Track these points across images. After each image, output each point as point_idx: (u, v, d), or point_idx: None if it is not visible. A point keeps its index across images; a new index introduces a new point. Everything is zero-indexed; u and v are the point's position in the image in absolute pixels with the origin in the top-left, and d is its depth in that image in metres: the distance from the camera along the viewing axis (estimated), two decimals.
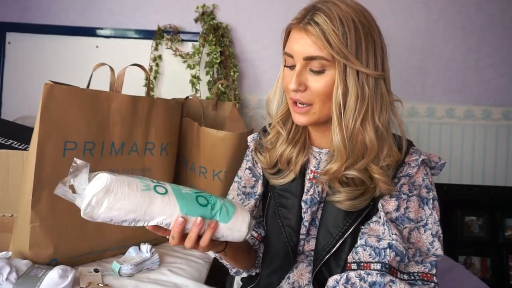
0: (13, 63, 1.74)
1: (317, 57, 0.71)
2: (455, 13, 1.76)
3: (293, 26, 0.75)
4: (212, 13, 1.72)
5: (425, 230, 0.74)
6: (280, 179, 0.83)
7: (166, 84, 1.75)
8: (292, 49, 0.74)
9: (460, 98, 1.78)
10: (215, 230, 0.66)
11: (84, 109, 0.98)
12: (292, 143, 0.83)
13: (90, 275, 0.94)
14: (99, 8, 1.76)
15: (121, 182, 0.60)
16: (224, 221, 0.66)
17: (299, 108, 0.75)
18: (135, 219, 0.62)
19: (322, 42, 0.70)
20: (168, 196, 0.63)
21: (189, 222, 0.64)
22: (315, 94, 0.73)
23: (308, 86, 0.73)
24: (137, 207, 0.60)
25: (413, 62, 1.77)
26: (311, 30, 0.71)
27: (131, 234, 1.12)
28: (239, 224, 0.68)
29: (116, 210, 0.59)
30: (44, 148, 0.92)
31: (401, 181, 0.76)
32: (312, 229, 0.83)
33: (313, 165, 0.84)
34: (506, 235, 1.71)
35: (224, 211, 0.67)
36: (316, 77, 0.73)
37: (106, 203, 0.58)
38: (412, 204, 0.75)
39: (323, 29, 0.70)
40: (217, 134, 1.22)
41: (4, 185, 1.11)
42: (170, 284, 0.97)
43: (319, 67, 0.72)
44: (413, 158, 0.77)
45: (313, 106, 0.74)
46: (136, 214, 0.61)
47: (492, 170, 1.79)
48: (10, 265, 0.85)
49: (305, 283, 0.82)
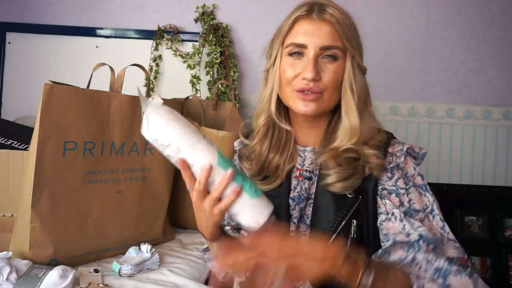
0: (13, 63, 1.74)
1: (333, 47, 0.76)
2: (455, 13, 1.76)
3: (301, 17, 0.78)
4: (212, 13, 1.72)
5: (433, 216, 0.75)
6: (267, 185, 0.84)
7: (166, 84, 1.75)
8: (306, 39, 0.76)
9: (460, 98, 1.78)
10: (238, 195, 0.64)
11: (84, 109, 0.98)
12: (279, 151, 0.84)
13: (90, 275, 0.94)
14: (99, 8, 1.76)
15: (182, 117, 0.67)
16: (251, 195, 0.65)
17: (309, 96, 0.77)
18: (179, 147, 0.64)
19: (338, 32, 0.75)
20: (211, 146, 0.66)
21: (218, 175, 0.64)
22: (327, 82, 0.77)
23: (321, 76, 0.76)
24: (188, 137, 0.64)
25: (413, 62, 1.77)
26: (329, 20, 0.75)
27: (131, 234, 1.13)
28: (260, 207, 0.66)
29: (173, 127, 0.64)
30: (44, 148, 0.92)
31: (395, 175, 0.77)
32: (302, 226, 0.84)
33: (299, 163, 0.85)
34: (506, 235, 1.71)
35: (253, 188, 0.66)
36: (329, 66, 0.77)
37: (170, 115, 0.64)
38: (413, 196, 0.75)
39: (338, 20, 0.75)
40: (217, 134, 1.22)
41: (4, 185, 1.11)
42: (170, 284, 0.97)
43: (333, 56, 0.76)
44: (398, 148, 0.79)
45: (323, 94, 0.78)
46: (185, 142, 0.64)
47: (492, 170, 1.79)
48: (10, 265, 0.85)
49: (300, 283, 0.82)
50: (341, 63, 0.77)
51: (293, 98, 0.79)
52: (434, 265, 0.63)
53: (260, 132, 0.86)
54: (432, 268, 0.63)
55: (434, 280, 0.62)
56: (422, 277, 0.63)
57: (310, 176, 0.83)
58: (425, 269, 0.64)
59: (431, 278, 0.62)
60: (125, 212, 1.10)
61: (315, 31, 0.76)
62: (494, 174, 1.79)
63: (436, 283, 0.61)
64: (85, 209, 1.02)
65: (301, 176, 0.84)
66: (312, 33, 0.76)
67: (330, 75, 0.76)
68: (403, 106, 1.78)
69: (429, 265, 0.64)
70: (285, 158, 0.83)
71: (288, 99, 0.81)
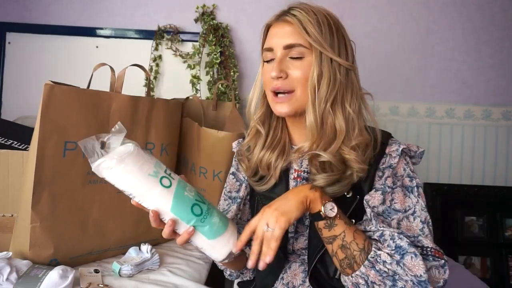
0: (13, 63, 1.74)
1: (296, 45, 0.77)
2: (455, 13, 1.76)
3: (271, 22, 0.82)
4: (212, 13, 1.72)
5: (414, 218, 0.75)
6: (263, 185, 0.85)
7: (166, 84, 1.75)
8: (272, 42, 0.80)
9: (460, 98, 1.78)
10: (190, 236, 0.69)
11: (85, 109, 0.98)
12: (270, 148, 0.85)
13: (90, 276, 0.94)
14: (99, 8, 1.76)
15: (137, 159, 0.66)
16: (208, 237, 0.70)
17: (280, 99, 0.79)
18: (131, 194, 0.67)
19: (300, 30, 0.76)
20: (167, 191, 0.67)
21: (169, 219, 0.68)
22: (295, 80, 0.77)
23: (288, 74, 0.78)
24: (136, 186, 0.66)
25: (413, 62, 1.77)
26: (289, 20, 0.78)
27: (132, 234, 1.13)
28: (219, 246, 0.71)
29: (120, 179, 0.66)
30: (44, 148, 0.92)
31: (385, 174, 0.77)
32: (300, 227, 0.84)
33: (297, 164, 0.85)
34: (506, 235, 1.71)
35: (213, 228, 0.70)
36: (296, 63, 0.78)
37: (114, 169, 0.64)
38: (397, 195, 0.76)
39: (300, 19, 0.77)
40: (217, 134, 1.22)
41: (4, 185, 1.11)
42: (170, 285, 0.97)
43: (298, 54, 0.77)
44: (394, 149, 0.79)
45: (294, 93, 0.78)
46: (133, 191, 0.67)
47: (492, 170, 1.79)
48: (10, 265, 0.85)
49: (299, 283, 0.83)
50: (309, 60, 0.77)
51: (271, 101, 0.82)
52: (396, 242, 0.68)
53: (252, 131, 0.88)
54: (394, 244, 0.68)
55: (392, 255, 0.67)
56: (383, 248, 0.68)
57: (307, 176, 0.83)
58: (388, 244, 0.68)
59: (389, 252, 0.67)
60: (125, 212, 1.10)
61: (279, 33, 0.79)
62: (494, 174, 1.79)
63: (392, 257, 0.67)
64: (85, 209, 1.02)
65: (299, 177, 0.84)
66: (276, 34, 0.79)
67: (297, 73, 0.77)
68: (403, 106, 1.78)
69: (392, 240, 0.68)
70: (277, 155, 0.84)
71: (270, 103, 0.83)
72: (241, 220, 0.93)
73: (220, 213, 0.74)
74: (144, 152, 0.68)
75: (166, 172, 0.69)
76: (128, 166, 0.65)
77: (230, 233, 0.72)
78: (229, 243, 0.72)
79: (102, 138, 0.65)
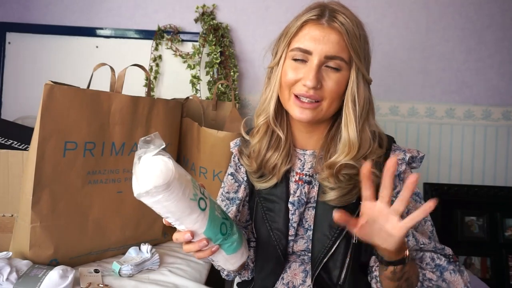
0: (13, 63, 1.74)
1: (338, 57, 0.74)
2: (455, 13, 1.76)
3: (310, 21, 0.75)
4: (212, 13, 1.72)
5: (425, 222, 0.79)
6: (263, 182, 0.84)
7: (166, 84, 1.75)
8: (312, 45, 0.74)
9: (460, 98, 1.78)
10: (213, 253, 0.70)
11: (85, 110, 0.98)
12: (277, 150, 0.83)
13: (90, 276, 0.94)
14: (99, 8, 1.76)
15: (180, 184, 0.61)
16: (227, 252, 0.72)
17: (307, 104, 0.76)
18: (169, 217, 0.64)
19: (345, 43, 0.73)
20: (203, 214, 0.65)
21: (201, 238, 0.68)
22: (328, 92, 0.75)
23: (322, 84, 0.75)
24: (178, 212, 0.63)
25: (413, 62, 1.77)
26: (337, 28, 0.73)
27: (131, 234, 1.13)
28: (234, 260, 0.75)
29: (163, 206, 0.61)
30: (44, 148, 0.92)
31: (397, 188, 0.78)
32: (300, 230, 0.84)
33: (298, 167, 0.85)
34: (506, 235, 1.71)
35: (233, 245, 0.72)
36: (332, 75, 0.75)
37: (160, 197, 0.59)
38: (411, 205, 0.77)
39: (348, 30, 0.73)
40: (217, 134, 1.22)
41: (4, 185, 1.11)
42: (170, 284, 0.97)
43: (336, 65, 0.74)
44: (400, 157, 0.79)
45: (321, 103, 0.76)
46: (174, 217, 0.64)
47: (492, 170, 1.79)
48: (10, 265, 0.85)
49: (299, 283, 0.82)
50: (344, 74, 0.75)
51: (290, 102, 0.78)
52: (435, 262, 0.75)
53: (260, 131, 0.85)
54: (434, 264, 0.75)
55: (434, 272, 0.74)
56: (425, 268, 0.75)
57: (310, 180, 0.83)
58: (428, 263, 0.75)
59: (431, 270, 0.75)
60: (125, 212, 1.10)
61: (322, 38, 0.73)
62: (494, 174, 1.79)
63: (434, 274, 0.74)
64: (86, 209, 1.02)
65: (301, 180, 0.83)
66: (319, 40, 0.73)
67: (332, 85, 0.74)
68: (403, 106, 1.78)
69: (432, 261, 0.75)
70: (283, 158, 0.83)
71: (286, 102, 0.80)
72: (240, 221, 0.92)
73: (236, 225, 0.74)
74: (179, 168, 0.63)
75: (200, 191, 0.66)
76: (173, 193, 0.60)
77: (244, 248, 0.75)
78: (243, 256, 0.75)
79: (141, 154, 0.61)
